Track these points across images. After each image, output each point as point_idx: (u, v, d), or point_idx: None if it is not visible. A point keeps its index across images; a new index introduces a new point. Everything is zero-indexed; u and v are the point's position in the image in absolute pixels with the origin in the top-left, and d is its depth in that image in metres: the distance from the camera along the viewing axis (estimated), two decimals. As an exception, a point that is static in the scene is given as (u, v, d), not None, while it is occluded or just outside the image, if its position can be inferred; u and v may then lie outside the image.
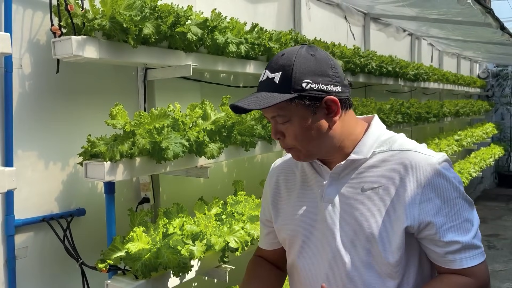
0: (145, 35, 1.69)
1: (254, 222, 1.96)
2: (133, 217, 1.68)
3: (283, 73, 1.05)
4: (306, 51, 1.07)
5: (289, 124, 1.08)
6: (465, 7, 2.93)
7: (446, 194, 1.04)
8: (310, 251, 1.17)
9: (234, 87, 2.70)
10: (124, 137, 1.58)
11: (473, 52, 7.78)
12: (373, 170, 1.09)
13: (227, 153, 2.00)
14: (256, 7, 2.97)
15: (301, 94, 1.04)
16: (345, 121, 1.12)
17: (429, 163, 1.05)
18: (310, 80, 1.04)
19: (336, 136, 1.10)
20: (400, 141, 1.12)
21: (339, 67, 1.09)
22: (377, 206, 1.06)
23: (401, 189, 1.05)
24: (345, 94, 1.09)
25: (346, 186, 1.11)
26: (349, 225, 1.09)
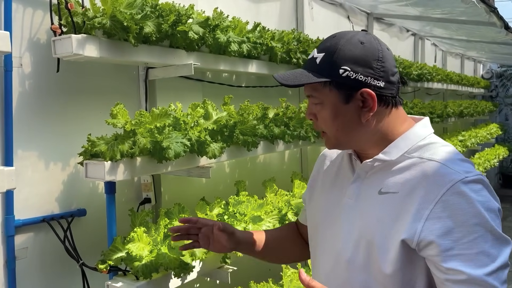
0: (146, 33, 1.67)
1: (257, 223, 1.94)
2: (134, 217, 1.67)
3: (326, 54, 1.03)
4: (358, 37, 1.03)
5: (321, 107, 1.07)
6: (469, 5, 2.90)
7: (463, 218, 0.90)
8: (325, 243, 1.16)
9: (236, 87, 2.68)
10: (125, 137, 1.56)
11: (477, 52, 7.74)
12: (396, 175, 1.02)
13: (229, 153, 1.98)
14: (258, 7, 2.96)
15: (336, 80, 1.01)
16: (385, 118, 1.06)
17: (451, 179, 0.93)
18: (349, 68, 1.00)
19: (369, 131, 1.06)
20: (434, 150, 1.02)
21: (389, 61, 1.03)
22: (387, 212, 1.00)
23: (413, 200, 0.97)
24: (388, 91, 1.03)
25: (368, 185, 1.07)
26: (358, 225, 1.06)
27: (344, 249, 1.07)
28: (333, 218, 1.13)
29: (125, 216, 1.79)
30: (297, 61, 2.61)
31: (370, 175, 1.08)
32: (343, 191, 1.13)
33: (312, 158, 3.43)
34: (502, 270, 0.90)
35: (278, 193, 2.31)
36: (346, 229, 1.08)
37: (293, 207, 2.18)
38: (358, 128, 1.05)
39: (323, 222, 1.17)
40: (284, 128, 2.28)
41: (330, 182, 1.20)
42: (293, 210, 2.18)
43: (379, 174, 1.06)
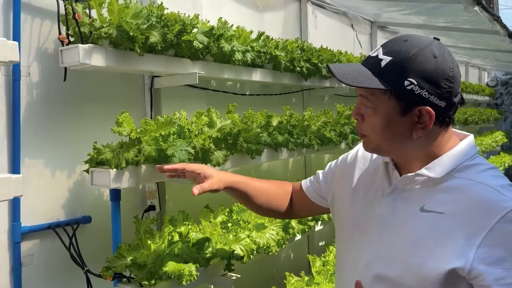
0: (152, 43, 1.70)
1: (260, 230, 1.95)
2: (138, 224, 1.68)
3: (393, 60, 0.97)
4: (432, 49, 0.96)
5: (372, 112, 1.01)
6: (472, 14, 2.92)
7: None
8: (353, 251, 1.13)
9: (240, 95, 2.70)
10: (130, 145, 1.59)
11: (481, 60, 7.74)
12: (441, 193, 0.98)
13: (233, 161, 2.00)
14: (262, 16, 2.99)
15: (399, 90, 0.96)
16: (435, 136, 1.01)
17: (505, 207, 0.89)
18: (416, 82, 0.95)
19: (416, 148, 1.02)
20: (482, 173, 0.98)
21: (457, 82, 0.98)
22: (429, 232, 0.95)
23: (462, 224, 0.92)
24: (446, 112, 0.98)
25: (406, 199, 1.03)
26: (392, 240, 1.02)
27: (374, 262, 1.04)
28: (365, 227, 1.10)
29: (130, 223, 1.81)
30: (300, 70, 2.63)
31: (410, 189, 1.03)
32: (377, 201, 1.09)
33: (315, 166, 3.44)
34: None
35: (282, 200, 2.32)
36: (379, 242, 1.05)
37: (297, 214, 2.19)
38: (406, 142, 1.01)
39: (352, 228, 1.14)
40: (287, 136, 2.29)
41: (364, 186, 1.15)
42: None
43: (421, 190, 1.01)
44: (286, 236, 2.04)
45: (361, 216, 1.12)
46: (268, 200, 1.40)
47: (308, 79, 2.77)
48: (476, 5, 2.64)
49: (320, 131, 2.54)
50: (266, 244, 1.90)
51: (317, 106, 3.37)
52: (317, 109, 3.02)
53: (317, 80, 2.90)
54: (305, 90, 3.30)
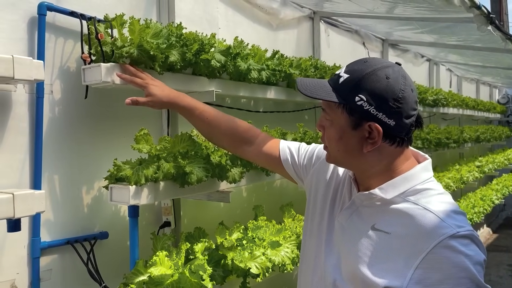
0: (171, 62, 1.73)
1: (275, 248, 1.95)
2: (156, 241, 1.69)
3: (350, 77, 1.04)
4: (387, 71, 1.02)
5: (329, 124, 1.10)
6: (485, 33, 2.93)
7: (452, 271, 0.92)
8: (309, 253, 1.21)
9: (254, 112, 2.73)
10: (149, 161, 1.61)
11: (493, 78, 7.72)
12: (391, 214, 1.04)
13: (248, 178, 2.01)
14: (276, 34, 3.03)
15: (350, 105, 1.03)
16: (387, 154, 1.06)
17: (443, 233, 0.95)
18: (365, 98, 1.01)
19: (368, 162, 1.07)
20: (430, 198, 1.02)
21: (408, 104, 1.02)
22: (375, 250, 1.02)
23: (404, 246, 0.98)
24: (396, 131, 1.03)
25: (361, 216, 1.09)
26: (344, 252, 1.09)
27: (330, 272, 1.11)
28: (324, 235, 1.17)
29: (146, 239, 1.82)
30: (314, 88, 2.66)
31: (366, 205, 1.09)
32: (336, 212, 1.17)
33: (328, 183, 3.44)
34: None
35: (296, 218, 2.32)
36: (333, 252, 1.13)
37: (311, 232, 2.19)
38: (358, 156, 1.07)
39: (311, 232, 1.23)
40: (302, 154, 2.31)
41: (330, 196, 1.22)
42: (311, 236, 2.18)
43: (375, 208, 1.07)
44: (301, 254, 2.04)
45: (321, 223, 1.20)
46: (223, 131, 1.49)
47: (321, 97, 2.79)
48: (489, 24, 2.66)
49: (333, 148, 2.55)
50: (281, 262, 1.90)
51: (330, 123, 3.38)
52: (330, 126, 3.03)
53: (330, 97, 2.92)
54: (317, 107, 3.32)
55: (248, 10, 2.77)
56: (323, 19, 3.51)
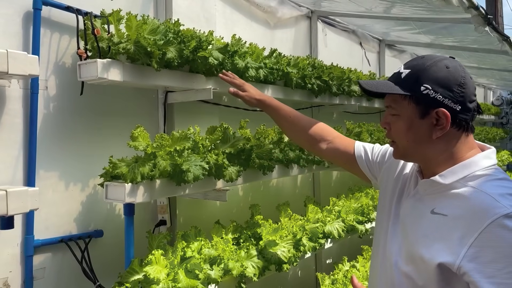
0: (168, 59, 1.71)
1: (272, 247, 1.94)
2: (151, 239, 1.67)
3: (411, 71, 1.11)
4: (445, 62, 1.09)
5: (396, 118, 1.14)
6: (482, 34, 2.94)
7: (505, 250, 0.95)
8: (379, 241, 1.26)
9: (251, 111, 2.71)
10: (146, 159, 1.59)
11: (487, 79, 7.75)
12: (450, 198, 1.08)
13: (245, 177, 2.00)
14: (274, 33, 3.02)
15: (416, 95, 1.09)
16: (454, 141, 1.11)
17: (496, 213, 0.97)
18: (430, 87, 1.07)
19: (437, 149, 1.12)
20: (488, 183, 1.06)
21: (469, 89, 1.09)
22: (433, 231, 1.07)
23: (460, 226, 1.02)
24: (462, 115, 1.09)
25: (424, 202, 1.14)
26: (408, 237, 1.14)
27: (392, 254, 1.17)
28: (390, 222, 1.24)
29: (141, 237, 1.80)
30: (311, 87, 2.64)
31: (428, 193, 1.15)
32: (403, 201, 1.23)
33: (324, 183, 3.43)
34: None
35: (292, 217, 2.31)
36: (397, 237, 1.19)
37: (308, 232, 2.17)
38: (427, 144, 1.12)
39: (381, 222, 1.29)
40: (299, 153, 2.29)
41: (400, 188, 1.28)
42: (308, 235, 2.17)
43: (435, 195, 1.12)
44: (297, 254, 2.03)
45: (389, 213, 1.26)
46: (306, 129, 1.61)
47: (318, 96, 2.78)
48: (487, 25, 2.66)
49: (330, 148, 2.54)
50: (277, 262, 1.89)
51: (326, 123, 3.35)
52: (327, 126, 3.02)
53: (327, 97, 2.91)
54: (314, 106, 3.31)
55: (245, 8, 2.75)
56: (321, 19, 3.50)
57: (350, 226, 2.55)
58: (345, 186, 3.47)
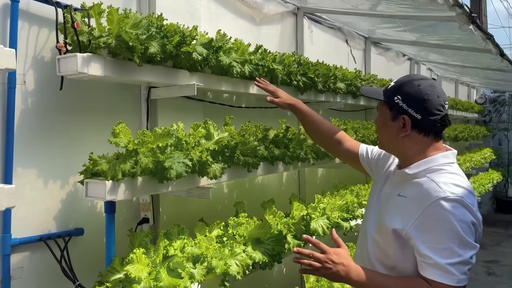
0: (151, 53, 1.68)
1: (256, 245, 1.92)
2: (133, 238, 1.64)
3: (394, 85, 1.48)
4: (419, 82, 1.43)
5: (379, 118, 1.53)
6: (466, 33, 2.96)
7: (439, 224, 1.30)
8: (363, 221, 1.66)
9: (236, 108, 2.69)
10: (127, 156, 1.56)
11: (471, 78, 7.85)
12: (411, 185, 1.41)
13: (229, 174, 1.98)
14: (259, 29, 3.00)
15: (391, 103, 1.46)
16: (418, 142, 1.44)
17: (437, 196, 1.31)
18: (400, 98, 1.43)
19: (403, 146, 1.46)
20: (440, 175, 1.37)
21: (432, 105, 1.40)
22: (396, 208, 1.42)
23: (413, 205, 1.37)
24: (423, 123, 1.41)
25: (395, 187, 1.49)
26: (378, 212, 1.52)
27: (369, 228, 1.55)
28: (373, 204, 1.60)
29: (123, 236, 1.77)
30: (297, 84, 2.63)
31: (399, 181, 1.49)
32: (384, 188, 1.57)
33: (309, 180, 3.43)
34: (463, 264, 1.29)
35: (277, 215, 2.30)
36: (374, 214, 1.55)
37: (293, 229, 2.16)
38: (395, 141, 1.47)
39: (369, 204, 1.64)
40: (284, 150, 2.28)
41: (385, 178, 1.61)
42: (293, 233, 2.16)
43: (403, 182, 1.46)
44: (282, 251, 2.01)
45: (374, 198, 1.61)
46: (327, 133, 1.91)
47: (304, 93, 2.78)
48: (471, 23, 2.68)
49: (315, 145, 2.54)
50: (262, 260, 1.87)
51: (312, 120, 3.37)
52: (312, 123, 3.02)
53: (312, 94, 2.90)
54: (300, 103, 3.30)
55: (231, 4, 2.73)
56: (307, 15, 3.49)
57: (335, 223, 2.55)
58: (330, 183, 3.47)
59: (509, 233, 7.85)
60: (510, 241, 7.37)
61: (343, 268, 1.38)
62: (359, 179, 4.24)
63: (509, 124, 9.77)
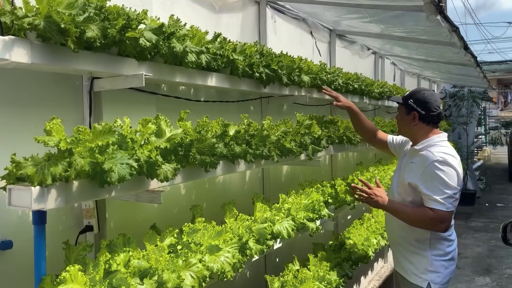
0: (88, 38, 1.45)
1: (214, 253, 1.74)
2: (68, 252, 1.42)
3: (409, 93, 2.41)
4: (424, 91, 2.37)
5: (399, 113, 2.45)
6: (433, 24, 2.88)
7: (433, 176, 2.21)
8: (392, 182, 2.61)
9: (194, 101, 2.48)
10: (59, 157, 1.33)
11: (432, 73, 7.95)
12: (418, 156, 2.31)
13: (184, 175, 1.78)
14: (219, 17, 2.79)
15: (406, 104, 2.35)
16: (422, 128, 2.33)
17: (432, 159, 2.23)
18: (413, 101, 2.33)
19: (413, 131, 2.37)
20: (434, 147, 2.26)
21: (432, 105, 2.31)
22: (409, 170, 2.36)
23: (419, 167, 2.27)
24: (426, 117, 2.31)
25: (408, 158, 2.42)
26: (399, 174, 2.46)
27: (394, 187, 2.50)
28: (396, 170, 2.59)
29: (62, 248, 1.54)
30: (259, 76, 2.45)
31: (411, 154, 2.40)
32: (403, 160, 2.51)
33: (274, 177, 3.27)
34: (449, 198, 2.18)
35: (239, 217, 2.12)
36: (397, 176, 2.51)
37: (255, 233, 1.99)
38: (408, 128, 2.38)
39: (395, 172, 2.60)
40: (245, 147, 2.10)
41: (402, 154, 2.58)
42: (255, 237, 1.99)
43: (413, 154, 2.35)
44: (243, 259, 1.84)
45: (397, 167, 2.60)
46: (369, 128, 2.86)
47: (267, 86, 2.60)
48: (438, 14, 2.59)
49: (280, 141, 2.37)
50: (220, 269, 1.69)
51: (276, 114, 3.21)
52: (276, 118, 2.86)
53: (276, 87, 2.74)
54: (263, 97, 3.13)
55: (187, -12, 2.51)
56: (270, 4, 3.31)
57: (301, 224, 2.40)
58: (295, 180, 3.33)
59: (469, 225, 8.03)
60: (470, 233, 7.53)
61: (381, 199, 2.37)
62: (325, 176, 4.13)
63: (468, 118, 10.01)
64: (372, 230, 3.52)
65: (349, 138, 3.33)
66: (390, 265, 5.08)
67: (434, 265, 2.33)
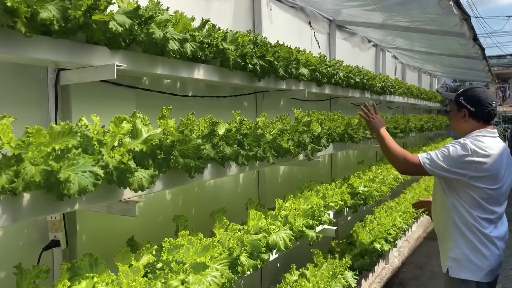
0: (43, 20, 1.21)
1: (200, 272, 1.50)
2: (20, 277, 1.18)
3: (460, 91, 2.40)
4: (476, 89, 2.37)
5: (452, 110, 2.43)
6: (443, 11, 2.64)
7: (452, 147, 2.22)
8: None
9: (180, 96, 2.24)
10: (4, 165, 1.08)
11: (434, 66, 7.71)
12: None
13: (165, 182, 1.54)
14: (209, 4, 2.54)
15: (457, 101, 2.35)
16: (471, 124, 2.29)
17: (460, 141, 2.22)
18: (463, 98, 2.31)
19: (463, 127, 2.32)
20: (470, 137, 2.23)
21: (482, 103, 2.27)
22: None
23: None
24: (476, 114, 2.27)
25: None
26: None
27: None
28: None
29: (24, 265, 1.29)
30: (253, 67, 2.20)
31: None
32: None
33: (271, 178, 3.03)
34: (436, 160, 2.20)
35: (229, 228, 1.88)
36: None
37: (248, 246, 1.76)
38: (459, 123, 2.35)
39: None
40: (237, 148, 1.86)
41: None
42: (247, 251, 1.75)
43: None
44: (234, 277, 1.60)
45: None
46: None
47: (262, 79, 2.36)
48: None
49: (276, 140, 2.13)
50: (206, 292, 1.45)
51: (272, 111, 2.97)
52: (272, 114, 2.61)
53: (272, 81, 2.49)
54: (258, 92, 2.88)
55: (173, -29, 2.25)
56: (265, -9, 3.06)
57: (299, 232, 2.16)
58: (293, 182, 3.09)
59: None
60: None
61: (379, 123, 2.55)
62: (325, 175, 3.89)
63: (469, 113, 9.77)
64: (375, 234, 3.28)
65: (350, 136, 3.10)
66: (391, 266, 4.87)
67: None
